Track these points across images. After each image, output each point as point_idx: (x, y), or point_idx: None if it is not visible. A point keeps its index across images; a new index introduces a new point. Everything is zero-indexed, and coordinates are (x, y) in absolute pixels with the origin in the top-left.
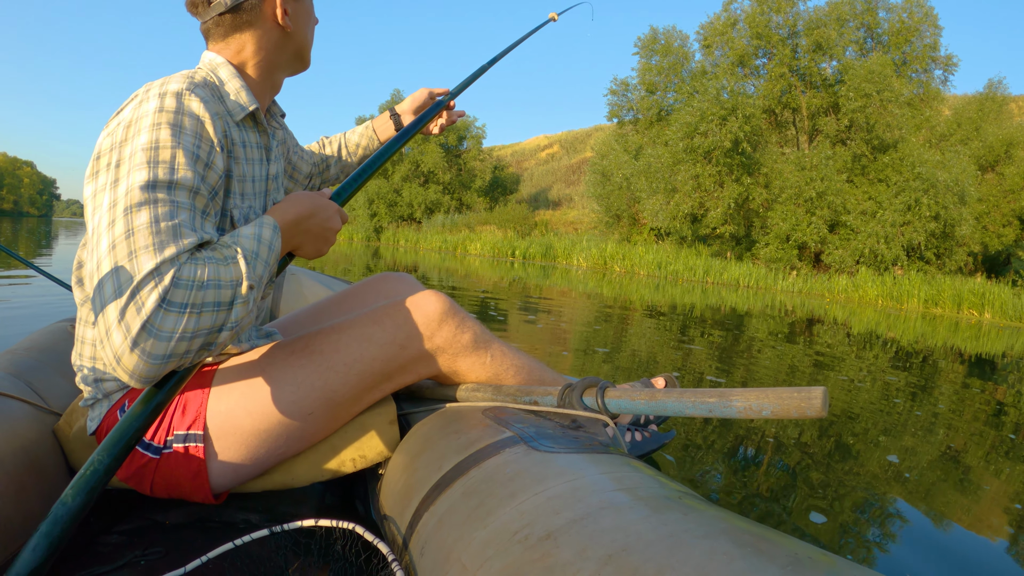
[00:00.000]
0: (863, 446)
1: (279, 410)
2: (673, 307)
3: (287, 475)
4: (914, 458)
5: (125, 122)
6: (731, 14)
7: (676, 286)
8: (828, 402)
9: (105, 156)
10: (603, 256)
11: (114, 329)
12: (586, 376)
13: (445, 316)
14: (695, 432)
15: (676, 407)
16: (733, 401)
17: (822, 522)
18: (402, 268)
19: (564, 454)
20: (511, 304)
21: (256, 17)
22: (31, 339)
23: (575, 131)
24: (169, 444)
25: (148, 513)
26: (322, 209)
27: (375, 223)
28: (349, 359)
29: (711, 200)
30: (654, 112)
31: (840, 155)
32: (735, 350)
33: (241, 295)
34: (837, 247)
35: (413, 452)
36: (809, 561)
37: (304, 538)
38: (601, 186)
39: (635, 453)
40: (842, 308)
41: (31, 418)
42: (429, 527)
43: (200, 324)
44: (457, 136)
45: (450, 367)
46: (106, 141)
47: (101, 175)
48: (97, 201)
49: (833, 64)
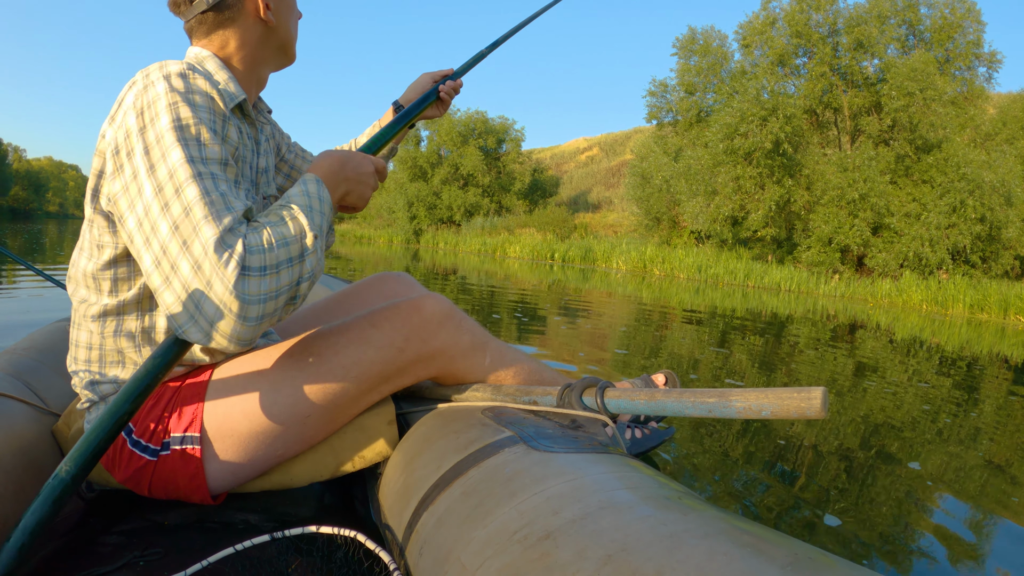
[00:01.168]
0: (883, 452)
1: (276, 413)
2: (713, 311)
3: (286, 475)
4: (942, 467)
5: (136, 110)
6: (770, 12)
7: (716, 290)
8: (828, 403)
9: (125, 147)
10: (643, 259)
11: (205, 304)
12: (585, 376)
13: (444, 319)
14: (695, 431)
15: (676, 407)
16: (733, 401)
17: (825, 524)
18: (441, 270)
19: (563, 454)
20: (550, 307)
21: (238, 13)
22: (30, 339)
23: (614, 133)
24: (166, 446)
25: (147, 513)
26: (351, 157)
27: (415, 225)
28: (347, 362)
29: (752, 202)
30: (693, 113)
31: (883, 156)
32: (776, 355)
33: (308, 247)
34: (880, 250)
35: (412, 452)
36: (809, 562)
37: (304, 543)
38: (641, 188)
39: (635, 450)
40: (885, 313)
41: (30, 419)
42: (428, 527)
43: (280, 282)
44: (496, 139)
45: (449, 369)
46: (119, 134)
47: (127, 167)
48: (133, 193)
49: (875, 62)
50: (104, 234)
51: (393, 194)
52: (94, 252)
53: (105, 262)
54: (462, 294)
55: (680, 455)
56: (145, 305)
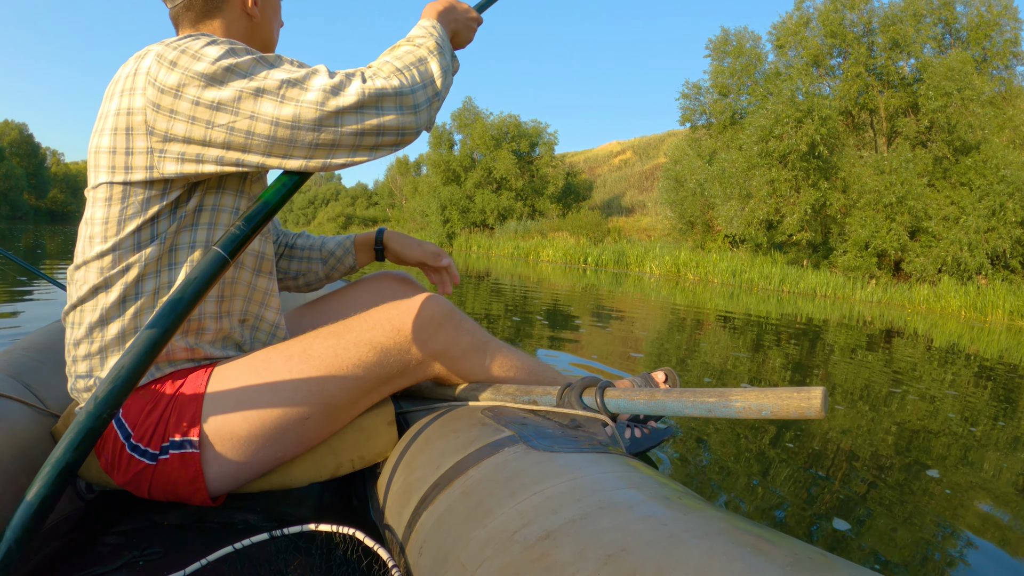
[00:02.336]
0: (899, 457)
1: (275, 415)
2: (747, 316)
3: (285, 476)
4: (969, 477)
5: (167, 64)
6: (804, 12)
7: (751, 295)
8: (828, 403)
9: (171, 92)
10: (676, 264)
11: (379, 119)
12: (586, 375)
13: (443, 320)
14: (695, 431)
15: (676, 407)
16: (733, 401)
17: (833, 527)
18: (474, 274)
19: (563, 453)
20: (583, 311)
21: (225, 3)
22: (29, 339)
23: (648, 136)
24: (165, 450)
25: (146, 514)
26: (458, 3)
27: (448, 229)
28: (346, 364)
29: (787, 206)
30: (727, 115)
31: (920, 158)
32: (810, 362)
33: (432, 48)
34: (918, 255)
35: (412, 452)
36: (809, 562)
37: (304, 542)
38: (674, 192)
39: (634, 450)
40: (923, 319)
41: (29, 419)
42: (428, 527)
43: (424, 71)
44: (529, 142)
45: (449, 369)
46: (149, 91)
47: (183, 101)
48: (207, 114)
49: (911, 62)
50: (135, 203)
51: (426, 197)
52: (113, 230)
53: (121, 240)
54: (494, 297)
55: (680, 454)
56: (146, 303)
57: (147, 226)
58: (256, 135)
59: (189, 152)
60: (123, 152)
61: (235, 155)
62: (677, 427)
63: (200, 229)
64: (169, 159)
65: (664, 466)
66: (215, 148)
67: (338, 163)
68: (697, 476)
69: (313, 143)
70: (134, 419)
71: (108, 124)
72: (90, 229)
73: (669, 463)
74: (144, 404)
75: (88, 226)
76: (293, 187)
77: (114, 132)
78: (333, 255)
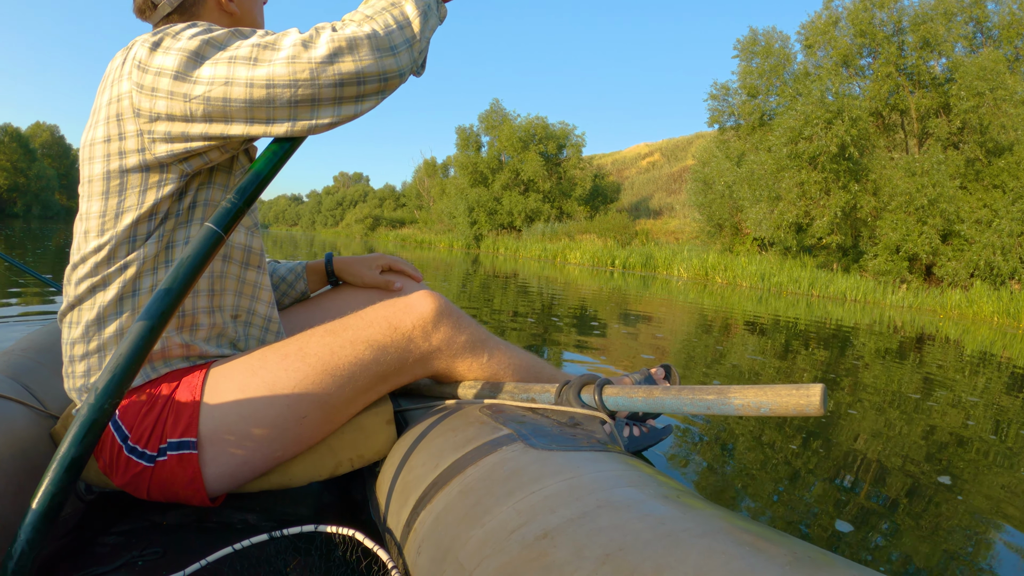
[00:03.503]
0: (911, 463)
1: (273, 413)
2: (776, 321)
3: (284, 476)
4: (989, 488)
5: (151, 44)
6: (833, 12)
7: (780, 299)
8: (827, 400)
9: (152, 71)
10: (704, 267)
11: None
12: (584, 372)
13: (441, 317)
14: (694, 429)
15: (674, 404)
16: (731, 398)
17: (835, 528)
18: (501, 276)
19: (561, 452)
20: (609, 314)
21: (200, 8)
22: (27, 339)
23: (676, 139)
24: (163, 452)
25: (145, 514)
26: None
27: (475, 231)
28: (343, 362)
29: (817, 208)
30: (756, 117)
31: (952, 159)
32: (839, 367)
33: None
34: (950, 259)
35: (410, 451)
36: (808, 560)
37: (303, 542)
38: (703, 195)
39: (633, 448)
40: (955, 325)
41: (28, 420)
42: (426, 526)
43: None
44: (557, 144)
45: (447, 367)
46: (135, 72)
47: (163, 78)
48: (186, 87)
49: (942, 62)
50: (131, 194)
51: (454, 199)
52: (110, 223)
53: (118, 235)
54: (520, 299)
55: (679, 453)
56: (143, 301)
57: (144, 221)
58: (233, 101)
59: (175, 130)
60: (116, 138)
61: (219, 127)
62: (676, 425)
63: (194, 225)
64: (158, 139)
65: (663, 465)
66: (198, 123)
67: (325, 121)
68: (696, 475)
69: (292, 101)
70: (131, 421)
71: (101, 115)
72: (86, 224)
73: (668, 462)
74: (141, 406)
75: (84, 221)
76: (284, 155)
77: (107, 121)
78: (284, 280)
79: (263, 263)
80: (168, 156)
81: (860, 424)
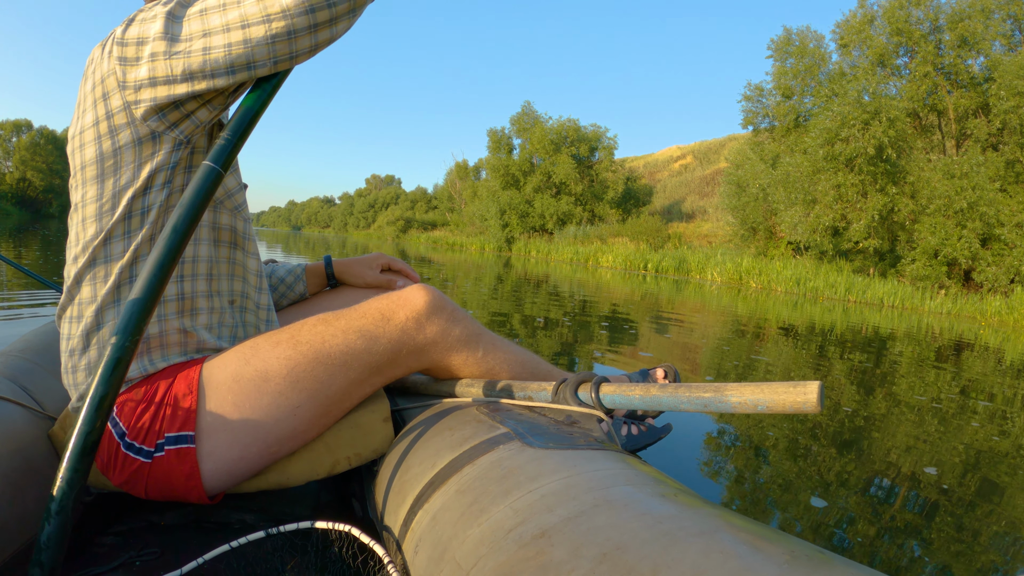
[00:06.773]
0: (917, 465)
1: (266, 402)
2: (811, 327)
3: (282, 475)
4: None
5: (126, 23)
6: (868, 10)
7: (815, 304)
8: (824, 398)
9: (135, 40)
10: (738, 271)
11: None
12: (582, 371)
13: (434, 310)
14: (694, 428)
15: (671, 402)
16: (728, 396)
17: (828, 525)
18: (533, 279)
19: (558, 450)
20: (642, 319)
21: None
22: (24, 340)
23: (708, 141)
24: (160, 447)
25: (143, 514)
26: None
27: (507, 233)
28: (335, 351)
29: (853, 212)
30: (791, 118)
31: (992, 161)
32: (874, 375)
33: None
34: (990, 264)
35: (407, 449)
36: (806, 559)
37: (300, 539)
38: (736, 197)
39: (631, 447)
40: (995, 332)
41: (26, 422)
42: (423, 525)
43: None
44: (589, 147)
45: (441, 361)
46: (115, 47)
47: (147, 46)
48: (166, 45)
49: (980, 60)
50: (126, 171)
51: (485, 202)
52: (108, 206)
53: (116, 218)
54: (552, 303)
55: (678, 451)
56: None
57: (139, 196)
58: (212, 49)
59: (159, 95)
60: (104, 118)
61: (204, 83)
62: (676, 423)
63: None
64: (145, 107)
65: (661, 463)
66: (181, 83)
67: (305, 47)
68: (695, 473)
69: (269, 37)
70: (128, 417)
71: (88, 103)
72: (82, 212)
73: (666, 460)
74: (137, 402)
75: (80, 211)
76: (272, 89)
77: (94, 105)
78: (283, 281)
79: (254, 249)
80: (158, 122)
81: (870, 427)
